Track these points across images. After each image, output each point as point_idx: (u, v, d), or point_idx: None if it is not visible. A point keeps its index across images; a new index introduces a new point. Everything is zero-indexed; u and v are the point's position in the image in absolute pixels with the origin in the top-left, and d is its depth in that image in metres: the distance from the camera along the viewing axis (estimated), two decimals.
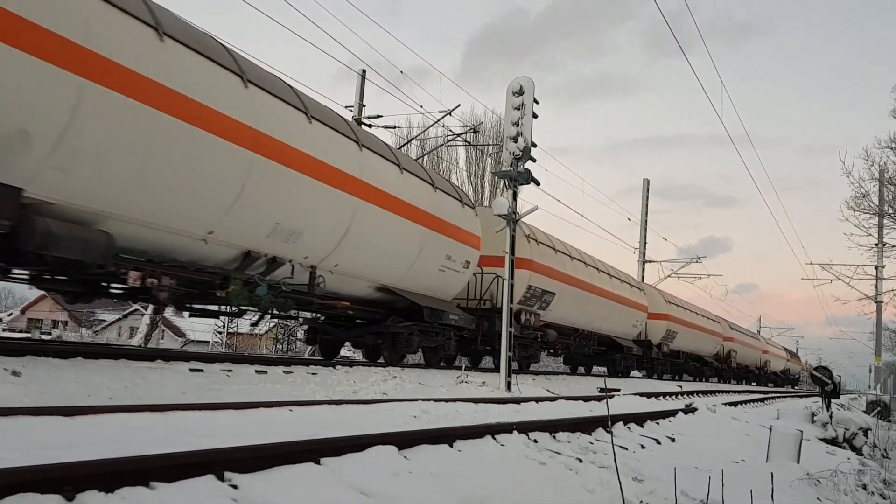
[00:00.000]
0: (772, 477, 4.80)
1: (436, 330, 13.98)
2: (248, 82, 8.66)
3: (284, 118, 9.32)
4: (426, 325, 13.48)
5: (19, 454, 2.78)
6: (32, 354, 6.90)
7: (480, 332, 15.68)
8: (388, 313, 13.17)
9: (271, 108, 9.08)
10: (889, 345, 34.81)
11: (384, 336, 13.17)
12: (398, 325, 13.04)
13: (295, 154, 9.33)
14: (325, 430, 4.25)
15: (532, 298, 17.27)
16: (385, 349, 13.44)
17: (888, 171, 18.40)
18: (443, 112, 22.52)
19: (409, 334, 13.16)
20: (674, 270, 38.76)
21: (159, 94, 7.28)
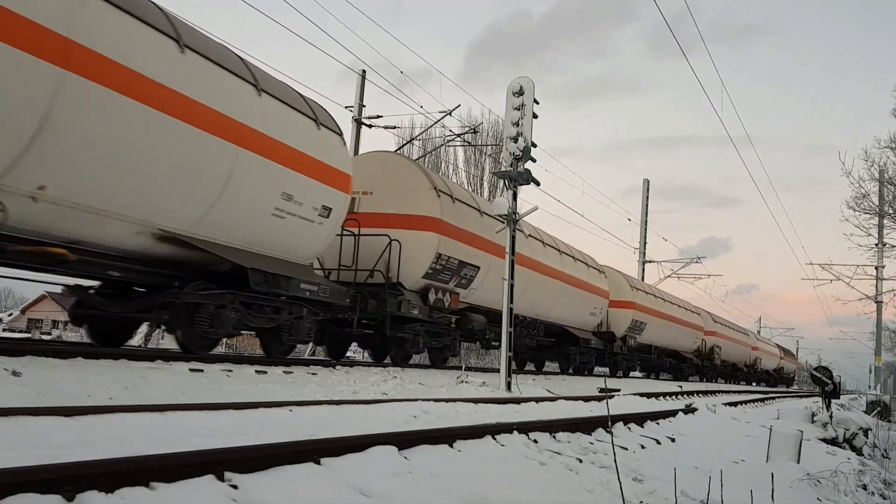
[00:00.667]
0: (772, 477, 4.80)
1: (276, 305, 10.13)
2: None
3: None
4: (256, 297, 9.59)
5: (19, 454, 2.78)
6: (32, 354, 6.90)
7: (358, 313, 12.01)
8: (192, 277, 9.01)
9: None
10: (889, 345, 34.86)
11: (175, 310, 8.84)
12: (198, 294, 8.85)
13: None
14: (325, 430, 4.25)
15: (445, 272, 13.63)
16: (178, 328, 9.08)
17: (888, 172, 18.40)
18: (443, 112, 22.54)
19: (218, 307, 9.07)
20: (674, 270, 38.81)
21: None
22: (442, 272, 13.62)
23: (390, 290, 12.51)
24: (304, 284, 10.28)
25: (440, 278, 13.66)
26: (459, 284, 14.38)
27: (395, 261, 12.65)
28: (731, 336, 40.26)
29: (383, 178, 13.38)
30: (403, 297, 12.59)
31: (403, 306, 12.57)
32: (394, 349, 13.57)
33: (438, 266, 13.41)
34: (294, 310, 10.51)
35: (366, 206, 13.15)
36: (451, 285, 14.10)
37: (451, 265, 13.77)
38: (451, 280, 14.06)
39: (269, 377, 8.47)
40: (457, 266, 13.98)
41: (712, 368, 36.93)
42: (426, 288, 13.39)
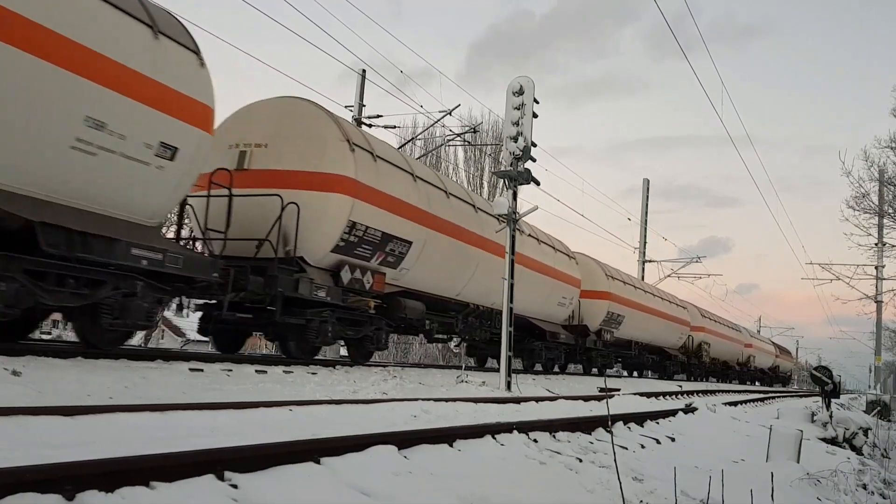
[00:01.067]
0: (772, 477, 4.80)
1: (91, 277, 7.33)
2: None
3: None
4: (54, 265, 6.92)
5: (19, 454, 2.79)
6: (32, 354, 6.90)
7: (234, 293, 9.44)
8: None
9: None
10: (889, 344, 34.86)
11: None
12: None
13: None
14: (325, 430, 4.25)
15: (363, 246, 11.26)
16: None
17: (888, 171, 18.40)
18: (443, 112, 22.55)
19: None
20: (674, 270, 38.81)
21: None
22: (359, 246, 11.13)
23: (284, 264, 9.96)
24: (138, 250, 7.49)
25: (357, 253, 11.22)
26: (386, 263, 11.91)
27: (293, 229, 10.04)
28: (721, 332, 37.93)
29: (282, 128, 10.77)
30: (304, 276, 10.19)
31: (302, 286, 10.08)
32: (293, 339, 11.15)
33: (353, 238, 10.93)
34: (123, 284, 7.60)
35: (259, 162, 10.52)
36: (374, 263, 11.66)
37: (372, 238, 11.30)
38: (374, 257, 11.59)
39: (269, 377, 8.48)
40: (380, 239, 11.49)
41: (700, 366, 34.64)
42: (338, 265, 10.97)
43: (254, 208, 9.97)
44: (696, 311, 34.55)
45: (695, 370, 34.24)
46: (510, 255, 12.27)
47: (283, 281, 9.84)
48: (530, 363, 20.14)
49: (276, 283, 9.73)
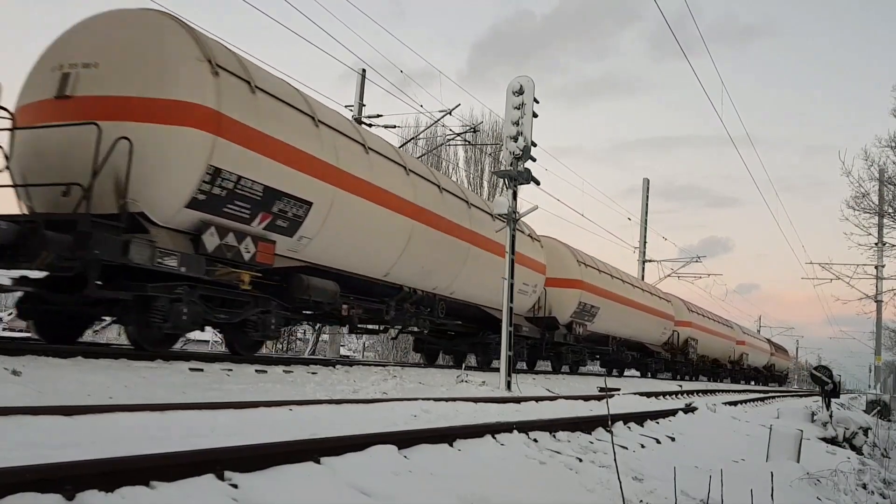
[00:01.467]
0: (772, 476, 4.80)
1: None
2: None
3: None
4: None
5: (19, 453, 2.78)
6: (32, 354, 6.90)
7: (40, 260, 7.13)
8: None
9: None
10: (889, 344, 34.85)
11: None
12: None
13: None
14: (325, 430, 4.25)
15: (237, 203, 8.68)
16: None
17: (888, 171, 18.40)
18: (443, 112, 22.56)
19: None
20: (674, 270, 38.82)
21: None
22: (230, 202, 8.55)
23: (115, 221, 7.44)
24: None
25: (229, 212, 8.61)
26: (275, 228, 9.32)
27: (123, 172, 7.49)
28: (710, 328, 35.55)
29: (118, 46, 8.09)
30: (139, 237, 7.62)
31: (136, 250, 7.48)
32: (131, 322, 8.70)
33: (219, 190, 8.32)
34: None
35: (88, 87, 7.95)
36: (257, 227, 9.02)
37: (250, 193, 8.67)
38: (256, 218, 8.95)
39: (269, 376, 8.48)
40: (262, 196, 8.84)
41: (687, 364, 32.39)
42: (200, 226, 8.36)
43: (65, 144, 7.66)
44: (682, 305, 32.35)
45: (681, 368, 32.25)
46: (510, 255, 12.26)
47: (100, 241, 7.12)
48: (486, 359, 17.65)
49: (86, 243, 7.03)
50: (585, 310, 20.86)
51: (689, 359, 31.95)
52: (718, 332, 37.29)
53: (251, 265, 9.07)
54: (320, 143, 10.07)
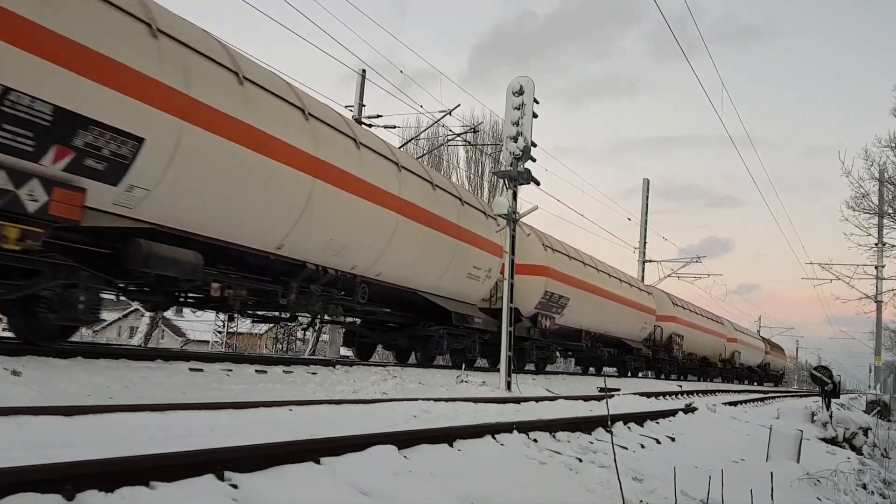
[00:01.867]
0: (771, 476, 4.80)
1: None
2: None
3: None
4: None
5: (19, 453, 2.79)
6: (32, 354, 6.90)
7: None
8: None
9: None
10: (889, 344, 34.85)
11: None
12: None
13: None
14: (325, 430, 4.25)
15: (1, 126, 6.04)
16: None
17: (888, 171, 18.41)
18: (443, 112, 22.56)
19: None
20: (674, 270, 38.84)
21: None
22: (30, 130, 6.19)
23: None
24: None
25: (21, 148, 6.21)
26: (83, 170, 6.79)
27: None
28: (697, 324, 32.72)
29: None
30: None
31: None
32: None
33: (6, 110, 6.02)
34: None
35: None
36: (50, 166, 6.51)
37: (30, 113, 6.19)
38: (47, 154, 6.44)
39: (269, 376, 8.48)
40: (53, 120, 6.37)
41: (671, 362, 29.92)
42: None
43: None
44: (665, 298, 29.67)
45: (665, 367, 29.82)
46: (510, 255, 12.26)
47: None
48: (426, 355, 14.91)
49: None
50: (553, 300, 18.40)
51: (674, 356, 29.48)
52: (707, 328, 34.61)
53: (42, 219, 6.54)
54: (158, 60, 7.39)
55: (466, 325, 14.92)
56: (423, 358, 15.05)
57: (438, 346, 14.65)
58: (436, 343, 14.55)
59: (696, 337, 32.33)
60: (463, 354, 15.58)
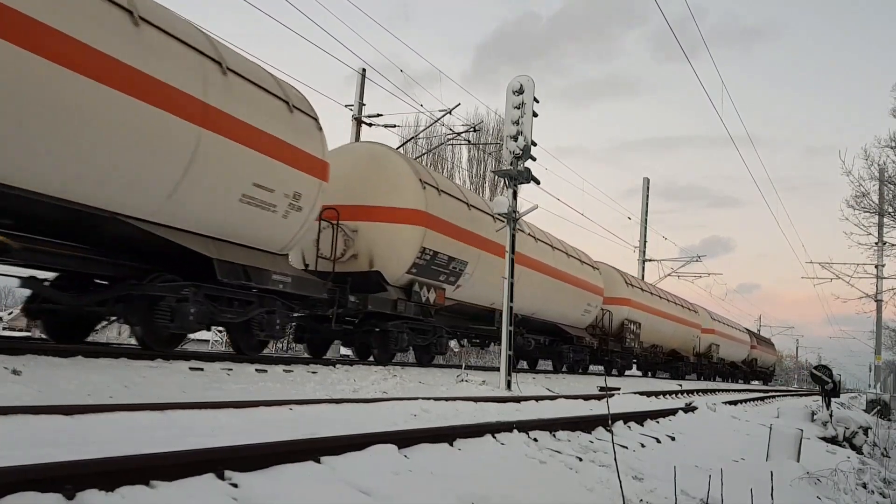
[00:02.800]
0: (771, 476, 4.80)
1: None
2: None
3: None
4: None
5: (19, 452, 2.78)
6: (32, 353, 6.90)
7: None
8: None
9: None
10: (889, 343, 34.80)
11: None
12: None
13: None
14: (325, 429, 4.25)
15: None
16: None
17: (888, 170, 18.42)
18: (443, 111, 22.57)
19: None
20: (674, 269, 38.83)
21: None
22: None
23: None
24: None
25: None
26: None
27: None
28: (660, 310, 27.62)
29: None
30: None
31: None
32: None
33: None
34: None
35: None
36: None
37: None
38: None
39: (269, 376, 8.48)
40: None
41: (625, 354, 25.20)
42: None
43: None
44: (618, 277, 24.83)
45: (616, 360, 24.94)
46: (510, 255, 12.25)
47: None
48: (312, 346, 12.99)
49: None
50: (438, 264, 13.34)
51: (628, 347, 24.60)
52: (674, 315, 29.47)
53: None
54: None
55: (262, 287, 9.80)
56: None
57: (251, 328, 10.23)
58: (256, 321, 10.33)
59: (658, 325, 27.30)
60: (263, 330, 10.25)
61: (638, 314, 25.57)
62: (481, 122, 32.88)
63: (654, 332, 27.28)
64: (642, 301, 26.27)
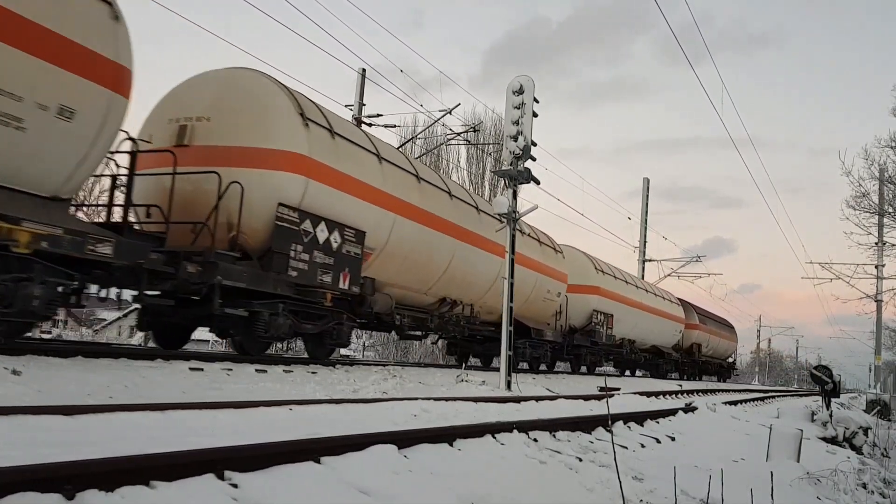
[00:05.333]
0: (771, 476, 4.80)
1: None
2: None
3: None
4: None
5: (20, 453, 2.78)
6: (32, 353, 6.90)
7: None
8: None
9: None
10: (889, 344, 34.79)
11: None
12: None
13: None
14: (325, 429, 4.25)
15: None
16: None
17: (888, 170, 18.42)
18: (443, 111, 22.58)
19: None
20: (674, 269, 38.83)
21: None
22: None
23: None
24: None
25: None
26: None
27: None
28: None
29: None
30: None
31: None
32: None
33: None
34: None
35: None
36: None
37: None
38: None
39: (269, 376, 8.48)
40: None
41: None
42: None
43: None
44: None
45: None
46: (510, 255, 12.26)
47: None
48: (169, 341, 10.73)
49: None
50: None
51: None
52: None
53: None
54: None
55: None
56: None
57: None
58: None
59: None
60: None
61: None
62: (480, 122, 32.86)
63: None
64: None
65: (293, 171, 9.73)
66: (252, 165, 9.48)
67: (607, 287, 22.63)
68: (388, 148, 13.17)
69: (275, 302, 9.92)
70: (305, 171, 9.87)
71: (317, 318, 11.06)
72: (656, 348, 28.41)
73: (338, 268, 10.63)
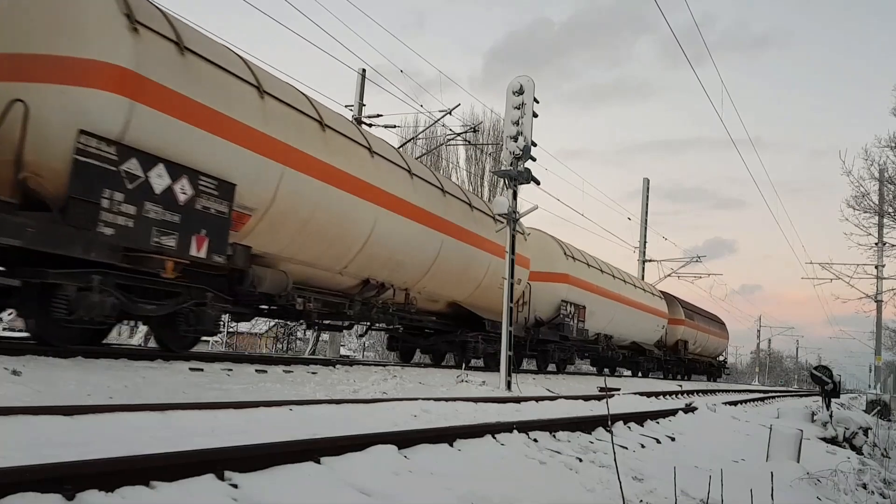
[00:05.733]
0: (772, 476, 4.80)
1: None
2: None
3: None
4: None
5: (19, 453, 2.79)
6: (32, 354, 6.90)
7: None
8: None
9: None
10: (889, 344, 34.86)
11: None
12: None
13: None
14: (325, 430, 4.25)
15: None
16: None
17: (888, 171, 18.42)
18: (443, 111, 22.57)
19: None
20: (674, 270, 38.82)
21: None
22: None
23: None
24: None
25: None
26: None
27: None
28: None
29: None
30: None
31: None
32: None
33: None
34: None
35: None
36: None
37: None
38: None
39: (269, 376, 8.48)
40: None
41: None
42: None
43: None
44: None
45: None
46: (510, 255, 12.26)
47: None
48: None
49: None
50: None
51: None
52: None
53: None
54: None
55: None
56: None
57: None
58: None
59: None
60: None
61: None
62: (480, 122, 32.85)
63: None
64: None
65: (108, 89, 7.08)
66: (46, 81, 6.94)
67: (578, 275, 19.87)
68: (279, 84, 10.03)
69: (87, 272, 7.21)
70: (130, 93, 7.23)
71: (164, 297, 8.38)
72: (637, 345, 25.89)
73: (187, 229, 7.77)
